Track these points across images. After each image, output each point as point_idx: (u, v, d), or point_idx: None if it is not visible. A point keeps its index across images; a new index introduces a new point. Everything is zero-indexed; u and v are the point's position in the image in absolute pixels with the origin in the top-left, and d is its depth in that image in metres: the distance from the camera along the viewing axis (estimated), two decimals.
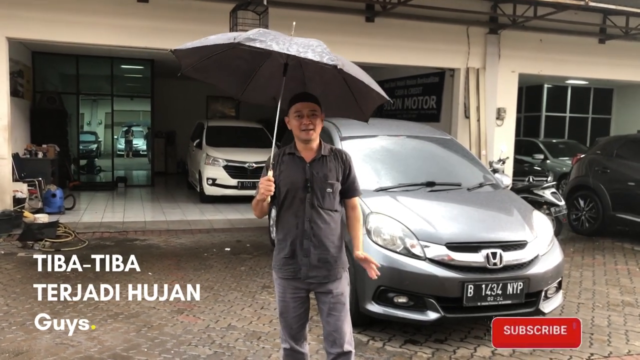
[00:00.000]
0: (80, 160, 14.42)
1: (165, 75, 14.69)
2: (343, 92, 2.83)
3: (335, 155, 2.82)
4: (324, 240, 2.76)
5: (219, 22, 7.91)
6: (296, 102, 2.74)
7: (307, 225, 2.74)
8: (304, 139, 2.75)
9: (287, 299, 2.84)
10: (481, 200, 5.05)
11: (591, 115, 17.43)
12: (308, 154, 2.78)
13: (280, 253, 2.83)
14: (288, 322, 2.86)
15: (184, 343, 4.05)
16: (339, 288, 2.83)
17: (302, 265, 2.77)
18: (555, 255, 4.51)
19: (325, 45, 2.53)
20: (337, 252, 2.82)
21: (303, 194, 2.74)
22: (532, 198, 7.48)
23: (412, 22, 9.69)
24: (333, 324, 2.80)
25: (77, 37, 8.41)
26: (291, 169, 2.77)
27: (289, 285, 2.83)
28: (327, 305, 2.81)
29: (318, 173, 2.75)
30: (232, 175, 10.53)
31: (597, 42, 11.32)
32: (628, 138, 9.26)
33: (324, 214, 2.76)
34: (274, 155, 2.75)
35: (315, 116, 2.73)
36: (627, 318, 4.93)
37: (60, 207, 9.03)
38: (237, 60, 2.85)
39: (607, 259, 7.14)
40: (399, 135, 5.75)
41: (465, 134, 10.43)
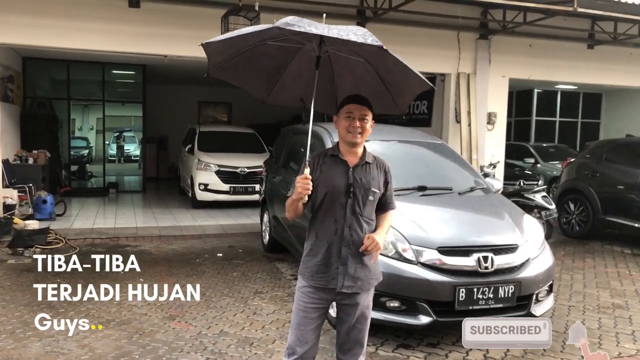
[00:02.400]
0: (72, 166, 14.32)
1: (157, 81, 14.72)
2: (376, 86, 2.76)
3: (377, 164, 2.76)
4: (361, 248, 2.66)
5: (211, 28, 7.90)
6: (349, 103, 2.68)
7: (346, 231, 2.64)
8: (350, 142, 2.68)
9: (309, 309, 2.70)
10: (472, 205, 5.08)
11: (580, 120, 17.59)
12: (352, 158, 2.70)
13: (312, 259, 2.69)
14: (305, 335, 2.70)
15: (176, 350, 4.04)
16: (367, 301, 2.76)
17: (338, 274, 2.65)
18: (546, 258, 4.54)
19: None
20: (373, 263, 2.74)
21: (345, 198, 2.64)
22: (523, 202, 7.53)
23: (403, 27, 9.74)
24: (355, 336, 2.75)
25: (68, 42, 8.37)
26: (333, 171, 2.68)
27: (317, 295, 2.69)
28: (351, 317, 2.73)
29: (361, 179, 2.67)
30: (224, 180, 10.52)
31: (586, 47, 11.43)
32: (617, 142, 9.36)
33: (363, 222, 2.67)
34: (314, 156, 2.70)
35: (365, 121, 2.67)
36: (617, 320, 4.97)
37: (51, 213, 8.97)
38: (265, 58, 2.77)
39: (597, 262, 7.19)
40: (390, 140, 5.77)
41: (457, 138, 10.49)
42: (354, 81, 2.82)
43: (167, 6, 8.44)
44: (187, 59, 9.14)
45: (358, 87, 2.80)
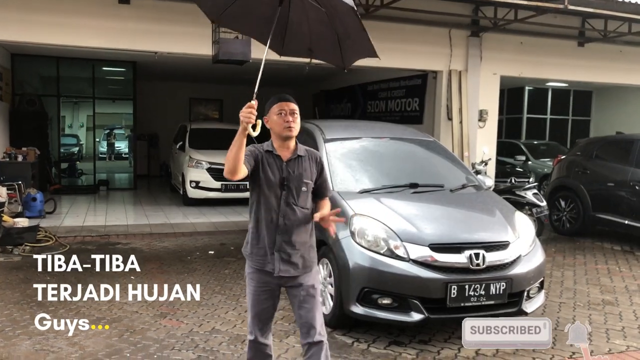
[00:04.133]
0: (61, 164, 14.22)
1: (148, 78, 14.64)
2: (327, 34, 2.93)
3: (309, 156, 2.95)
4: (296, 236, 2.87)
5: (201, 24, 7.84)
6: (279, 102, 2.87)
7: (281, 221, 2.85)
8: (285, 136, 2.85)
9: (258, 292, 2.91)
10: (464, 202, 5.09)
11: (571, 117, 17.69)
12: (285, 153, 2.89)
13: (252, 246, 2.91)
14: (257, 315, 2.93)
15: (168, 347, 4.01)
16: (309, 281, 2.93)
17: (274, 260, 2.85)
18: (537, 255, 4.55)
19: None
20: (308, 249, 2.94)
21: (279, 190, 2.84)
22: (514, 199, 7.56)
23: (395, 24, 9.74)
24: (304, 316, 2.89)
25: (57, 38, 8.30)
26: (269, 165, 2.87)
27: (260, 279, 2.91)
28: (297, 299, 2.90)
29: (294, 172, 2.87)
30: (216, 177, 10.46)
31: (577, 45, 11.49)
32: (607, 139, 9.42)
33: (297, 211, 2.87)
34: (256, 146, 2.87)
35: (295, 115, 2.86)
36: (607, 317, 5.00)
37: (41, 211, 8.89)
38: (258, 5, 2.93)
39: (588, 259, 7.24)
40: (382, 138, 5.76)
41: (448, 135, 10.51)
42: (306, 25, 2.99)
43: (157, 2, 8.39)
44: (177, 55, 9.10)
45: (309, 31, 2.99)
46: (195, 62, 9.71)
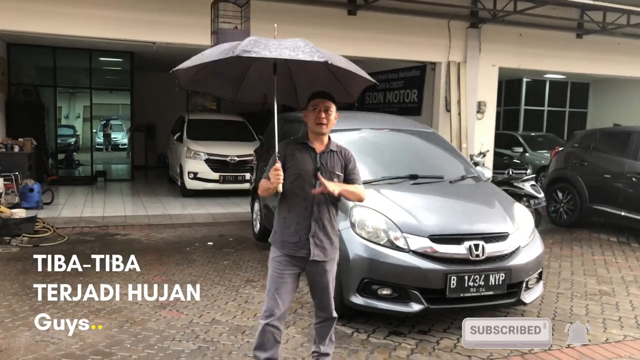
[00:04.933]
0: (58, 154, 14.17)
1: (145, 68, 14.54)
2: (329, 80, 3.16)
3: (340, 152, 3.18)
4: (327, 223, 3.11)
5: (200, 14, 7.82)
6: (315, 98, 3.10)
7: (315, 208, 3.06)
8: (317, 131, 3.10)
9: (285, 275, 3.10)
10: (463, 193, 5.10)
11: (568, 109, 17.72)
12: (318, 145, 3.13)
13: (286, 231, 3.10)
14: (280, 298, 3.09)
15: (168, 338, 4.02)
16: (332, 268, 3.20)
17: (305, 245, 3.06)
18: (536, 246, 4.58)
19: (309, 41, 2.85)
20: (335, 236, 3.18)
21: (313, 180, 3.04)
22: (512, 190, 7.57)
23: (394, 15, 9.71)
24: (326, 298, 3.22)
25: (54, 28, 8.23)
26: (303, 156, 3.09)
27: (289, 262, 3.11)
28: (320, 283, 3.17)
29: (327, 163, 3.10)
30: (214, 169, 10.46)
31: (575, 36, 11.49)
32: (604, 131, 9.45)
33: (330, 201, 3.10)
34: (282, 144, 3.10)
35: (329, 112, 3.09)
36: (604, 307, 5.04)
37: (38, 201, 8.86)
38: (227, 68, 3.13)
39: (585, 250, 7.28)
40: (381, 129, 5.76)
41: (446, 127, 10.51)
42: (309, 76, 3.26)
43: None
44: (176, 45, 9.04)
45: (313, 80, 3.25)
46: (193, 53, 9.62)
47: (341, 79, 3.16)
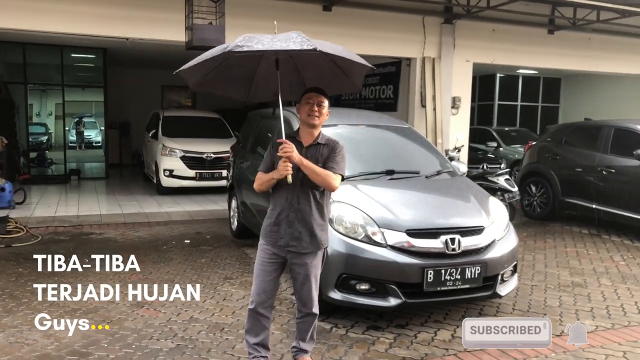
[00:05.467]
0: (30, 153, 13.88)
1: (119, 64, 14.31)
2: (334, 71, 3.24)
3: (328, 144, 3.24)
4: (308, 216, 3.16)
5: (174, 10, 7.74)
6: (309, 92, 3.21)
7: (294, 200, 3.14)
8: (309, 123, 3.20)
9: (266, 263, 3.23)
10: (439, 188, 5.16)
11: (541, 104, 18.03)
12: (307, 139, 3.23)
13: (267, 221, 3.25)
14: (261, 285, 3.23)
15: (146, 337, 3.99)
16: (314, 262, 3.23)
17: (284, 235, 3.17)
18: (511, 239, 4.66)
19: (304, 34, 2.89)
20: (318, 229, 3.21)
21: (296, 173, 3.07)
22: (487, 185, 7.67)
23: (369, 11, 9.73)
24: (306, 292, 3.26)
25: (23, 23, 8.01)
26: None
27: (270, 251, 3.23)
28: (301, 276, 3.23)
29: (311, 156, 3.16)
30: (190, 166, 10.38)
31: (547, 32, 11.68)
32: (576, 126, 9.63)
33: (310, 193, 3.16)
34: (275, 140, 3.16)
35: (322, 107, 3.19)
36: (576, 298, 5.16)
37: (10, 201, 8.67)
38: (236, 69, 3.24)
39: (558, 242, 7.43)
40: (358, 125, 5.79)
41: (422, 122, 10.60)
42: (316, 70, 3.30)
43: None
44: (149, 41, 8.92)
45: (321, 74, 3.30)
46: (167, 49, 9.52)
47: (344, 69, 3.23)
